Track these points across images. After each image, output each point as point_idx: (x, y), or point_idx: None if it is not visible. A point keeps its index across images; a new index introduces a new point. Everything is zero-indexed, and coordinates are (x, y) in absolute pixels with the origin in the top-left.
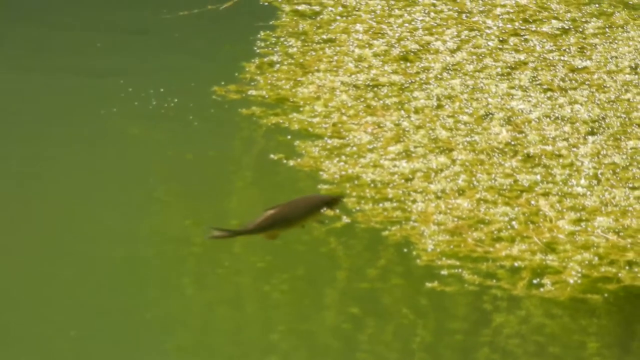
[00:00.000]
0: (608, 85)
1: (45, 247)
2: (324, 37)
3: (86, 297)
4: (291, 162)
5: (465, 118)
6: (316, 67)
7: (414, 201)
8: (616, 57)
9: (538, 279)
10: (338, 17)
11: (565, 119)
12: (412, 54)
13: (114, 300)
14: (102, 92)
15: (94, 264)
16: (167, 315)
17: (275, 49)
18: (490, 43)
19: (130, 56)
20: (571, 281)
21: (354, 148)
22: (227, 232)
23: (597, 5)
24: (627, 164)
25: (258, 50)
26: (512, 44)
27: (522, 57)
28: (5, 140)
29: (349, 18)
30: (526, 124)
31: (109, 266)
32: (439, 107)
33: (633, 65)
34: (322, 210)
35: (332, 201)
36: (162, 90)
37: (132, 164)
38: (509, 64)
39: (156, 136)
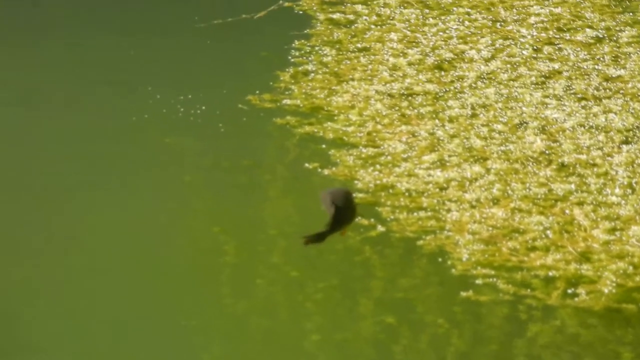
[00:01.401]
0: None
1: (79, 257)
2: (359, 45)
3: (122, 306)
4: (326, 171)
5: (500, 127)
6: (351, 76)
7: (449, 210)
8: None
9: (573, 289)
10: (372, 26)
11: (600, 127)
12: (446, 62)
13: (149, 309)
14: (133, 101)
15: (129, 274)
16: (202, 324)
17: (310, 58)
18: (524, 52)
19: (165, 65)
20: (606, 291)
21: (389, 157)
22: (316, 237)
23: (631, 14)
24: None
25: (292, 60)
26: (546, 52)
27: (557, 66)
28: (38, 149)
29: (384, 27)
30: (560, 133)
31: (145, 276)
32: (474, 116)
33: None
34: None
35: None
36: (196, 99)
37: (167, 173)
38: (543, 73)
39: (190, 145)
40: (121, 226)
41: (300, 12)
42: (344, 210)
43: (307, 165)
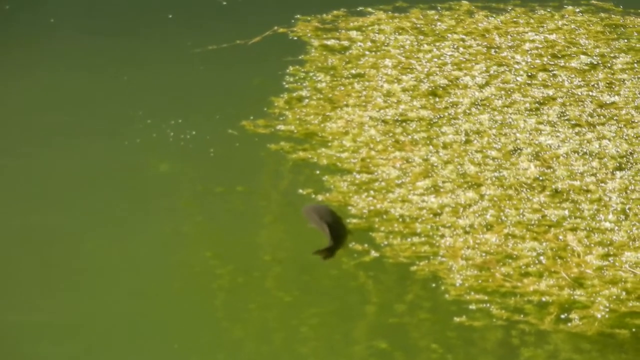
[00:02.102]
0: (636, 121)
1: (73, 282)
2: (353, 72)
3: (114, 330)
4: (320, 197)
5: (494, 153)
6: (345, 102)
7: (442, 236)
8: None
9: (566, 314)
10: (367, 52)
11: (594, 154)
12: (440, 89)
13: (142, 334)
14: (126, 126)
15: (122, 297)
16: (196, 348)
17: (304, 84)
18: (519, 78)
19: (158, 90)
20: (599, 316)
21: (383, 183)
22: (328, 252)
23: (625, 41)
24: None
25: (287, 85)
26: (540, 79)
27: (551, 92)
28: (30, 168)
29: (378, 53)
30: (554, 159)
31: (138, 299)
32: (468, 142)
33: None
34: None
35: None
36: (189, 124)
37: (161, 198)
38: (537, 99)
39: (184, 170)
40: (115, 252)
41: (295, 38)
42: (335, 224)
43: (300, 191)
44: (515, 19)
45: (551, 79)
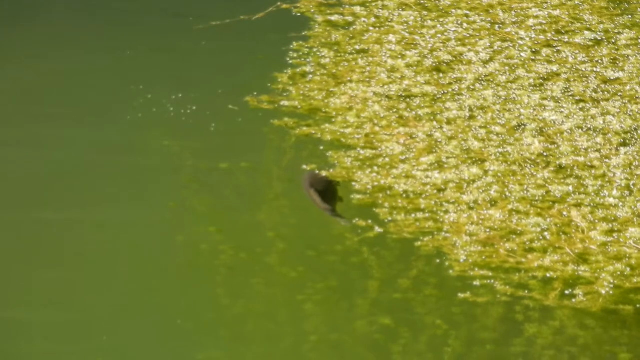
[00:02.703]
0: None
1: (77, 255)
2: (357, 47)
3: (117, 305)
4: (324, 173)
5: (498, 129)
6: (349, 78)
7: (447, 212)
8: None
9: (570, 290)
10: (371, 28)
11: (598, 130)
12: (444, 64)
13: (145, 310)
14: (131, 102)
15: (126, 273)
16: (200, 325)
17: (308, 60)
18: (522, 54)
19: (161, 66)
20: (603, 292)
21: (387, 159)
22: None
23: (630, 17)
24: None
25: (290, 61)
26: (544, 55)
27: (555, 68)
28: (31, 144)
29: (382, 29)
30: (558, 135)
31: (142, 276)
32: (472, 118)
33: None
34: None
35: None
36: (192, 100)
37: (164, 174)
38: (541, 75)
39: (188, 146)
40: (118, 226)
41: (298, 14)
42: (325, 192)
43: (305, 167)
44: None
45: (555, 54)
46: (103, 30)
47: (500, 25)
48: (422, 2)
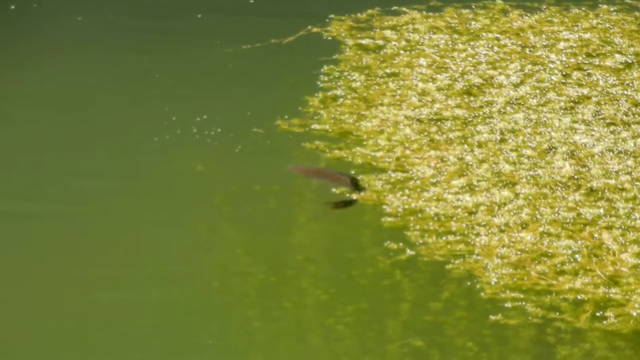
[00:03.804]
0: None
1: (109, 282)
2: (388, 71)
3: (151, 329)
4: (354, 196)
5: (529, 152)
6: (380, 101)
7: (478, 234)
8: None
9: (601, 312)
10: (402, 52)
11: (629, 152)
12: (475, 88)
13: (175, 331)
14: (160, 124)
15: (157, 296)
16: (231, 348)
17: (339, 83)
18: (553, 77)
19: (193, 89)
20: (634, 314)
21: (418, 182)
22: (344, 204)
23: None
24: None
25: (321, 85)
26: (575, 78)
27: (586, 91)
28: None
29: (413, 52)
30: (589, 157)
31: (173, 299)
32: (502, 141)
33: None
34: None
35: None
36: (224, 122)
37: (197, 198)
38: (572, 98)
39: (220, 169)
40: (151, 249)
41: (329, 38)
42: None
43: (335, 190)
44: (549, 18)
45: (586, 77)
46: (128, 52)
47: (531, 49)
48: (452, 25)
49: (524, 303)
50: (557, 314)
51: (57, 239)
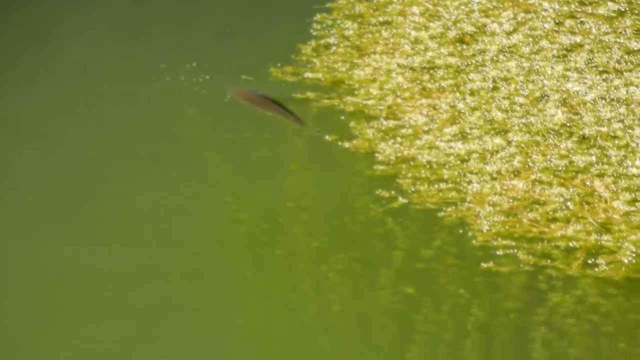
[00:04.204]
0: None
1: (93, 235)
2: (380, 19)
3: (140, 277)
4: (346, 144)
5: (521, 100)
6: (372, 50)
7: (470, 182)
8: None
9: (593, 259)
10: (394, 0)
11: (621, 100)
12: (468, 36)
13: (165, 279)
14: (152, 72)
15: (148, 245)
16: (223, 297)
17: (332, 32)
18: (546, 25)
19: (183, 37)
20: (626, 261)
21: (410, 130)
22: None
23: None
24: None
25: (314, 33)
26: (568, 26)
27: (578, 39)
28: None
29: (405, 0)
30: (582, 105)
31: (164, 247)
32: (495, 89)
33: None
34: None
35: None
36: (213, 69)
37: (187, 146)
38: (564, 46)
39: (210, 117)
40: (140, 198)
41: None
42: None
43: (327, 137)
44: None
45: (578, 25)
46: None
47: None
48: None
49: (515, 250)
50: (549, 261)
51: (47, 180)
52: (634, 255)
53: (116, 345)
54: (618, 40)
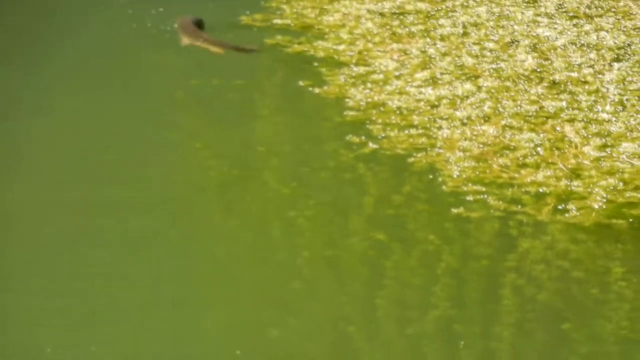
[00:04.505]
0: (634, 12)
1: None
2: None
3: (112, 225)
4: (317, 90)
5: (491, 45)
6: None
7: (440, 128)
8: None
9: (563, 205)
10: None
11: (591, 45)
12: None
13: (141, 226)
14: (119, 17)
15: (121, 193)
16: (194, 242)
17: None
18: None
19: None
20: (596, 207)
21: (381, 75)
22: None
23: None
24: None
25: None
26: None
27: None
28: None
29: None
30: (552, 51)
31: (137, 194)
32: (465, 34)
33: None
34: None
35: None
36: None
37: (158, 93)
38: None
39: (181, 64)
40: (112, 148)
41: None
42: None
43: (300, 83)
44: None
45: None
46: None
47: None
48: None
49: (485, 196)
50: (519, 206)
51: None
52: (604, 200)
53: (95, 270)
54: None
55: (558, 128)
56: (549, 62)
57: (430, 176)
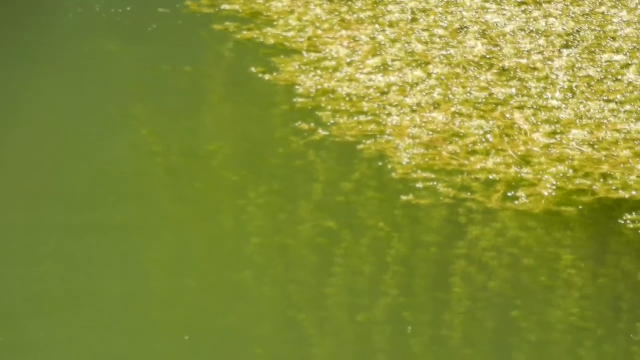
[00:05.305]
0: None
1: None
2: None
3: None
4: (267, 77)
5: (441, 32)
6: None
7: (389, 115)
8: None
9: (513, 192)
10: None
11: (540, 32)
12: None
13: (93, 214)
14: (69, 10)
15: (70, 177)
16: (142, 229)
17: None
18: None
19: None
20: (546, 194)
21: (332, 62)
22: None
23: None
24: (602, 77)
25: None
26: None
27: None
28: None
29: None
30: (501, 37)
31: (85, 181)
32: (414, 20)
33: None
34: None
35: None
36: (134, 5)
37: (107, 80)
38: None
39: (130, 52)
40: (60, 134)
41: None
42: None
43: (252, 69)
44: None
45: None
46: None
47: None
48: None
49: (435, 183)
50: (469, 194)
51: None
52: (554, 187)
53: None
54: None
55: (508, 115)
56: (499, 48)
57: (380, 163)
